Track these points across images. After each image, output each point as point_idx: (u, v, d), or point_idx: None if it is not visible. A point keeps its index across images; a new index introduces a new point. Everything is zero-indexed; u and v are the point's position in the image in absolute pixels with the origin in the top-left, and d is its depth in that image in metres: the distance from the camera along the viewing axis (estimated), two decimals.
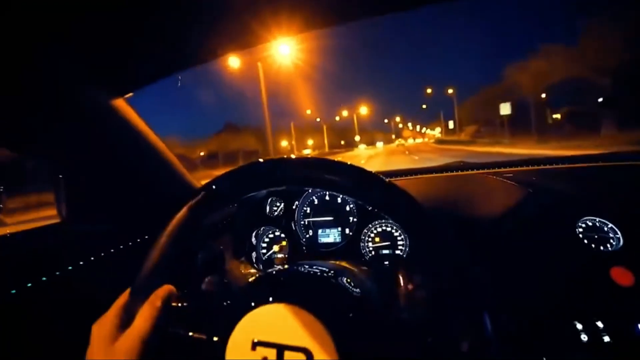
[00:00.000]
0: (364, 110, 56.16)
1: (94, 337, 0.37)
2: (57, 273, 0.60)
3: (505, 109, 24.83)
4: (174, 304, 0.38)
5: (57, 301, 0.60)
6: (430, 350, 0.39)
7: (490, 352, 0.36)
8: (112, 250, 0.67)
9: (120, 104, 0.70)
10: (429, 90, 43.37)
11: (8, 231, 0.68)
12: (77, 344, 0.42)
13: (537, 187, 0.73)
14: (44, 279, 0.57)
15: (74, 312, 0.64)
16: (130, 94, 0.72)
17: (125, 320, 0.37)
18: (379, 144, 63.29)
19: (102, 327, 0.37)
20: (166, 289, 0.38)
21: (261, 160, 0.43)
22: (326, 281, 0.41)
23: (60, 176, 0.69)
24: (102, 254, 0.66)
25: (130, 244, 0.70)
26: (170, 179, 0.78)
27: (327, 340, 0.34)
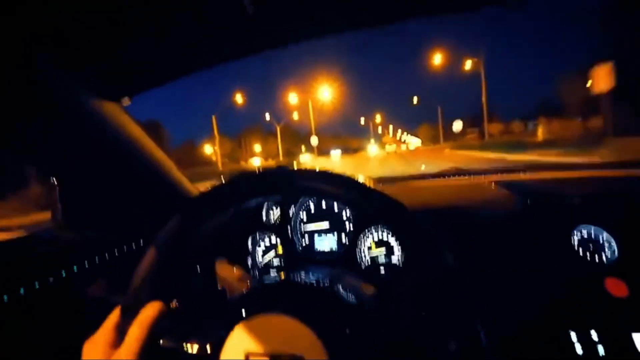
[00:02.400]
0: (325, 93, 38.70)
1: (86, 356, 0.37)
2: (51, 279, 0.59)
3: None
4: (164, 318, 0.38)
5: (50, 308, 0.60)
6: (422, 354, 0.40)
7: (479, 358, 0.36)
8: (107, 257, 0.67)
9: (116, 109, 0.71)
10: (436, 60, 29.01)
11: (2, 237, 0.68)
12: (69, 351, 0.42)
13: (532, 194, 0.74)
14: (37, 285, 0.57)
15: (68, 319, 0.63)
16: (128, 102, 0.72)
17: (117, 338, 0.37)
18: (335, 154, 43.54)
19: (94, 346, 0.37)
20: (155, 304, 0.38)
21: (256, 170, 0.44)
22: (321, 291, 0.42)
23: (55, 181, 0.69)
24: (97, 260, 0.65)
25: (125, 250, 0.70)
26: (166, 185, 0.78)
27: (320, 351, 0.34)
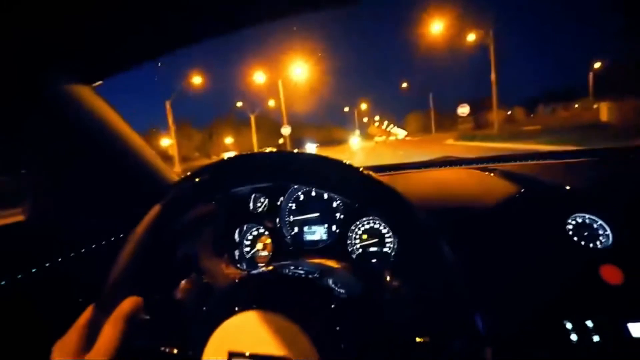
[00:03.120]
0: (297, 71, 28.89)
1: (55, 356, 0.33)
2: (19, 276, 0.55)
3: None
4: (141, 316, 0.34)
5: (19, 306, 0.56)
6: (418, 351, 0.39)
7: (478, 351, 0.33)
8: (81, 251, 0.63)
9: (88, 92, 0.65)
10: (433, 29, 20.84)
11: None
12: (40, 349, 0.38)
13: (526, 183, 0.72)
14: (3, 282, 0.53)
15: (37, 318, 0.59)
16: (100, 82, 0.66)
17: (89, 339, 0.35)
18: (309, 147, 38.13)
19: (64, 347, 0.33)
20: (132, 301, 0.35)
21: (241, 154, 0.40)
22: (310, 284, 0.38)
23: (23, 171, 0.64)
24: (71, 255, 0.61)
25: (102, 243, 0.66)
26: (145, 173, 0.73)
27: (309, 349, 0.31)
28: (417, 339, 0.38)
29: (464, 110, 20.99)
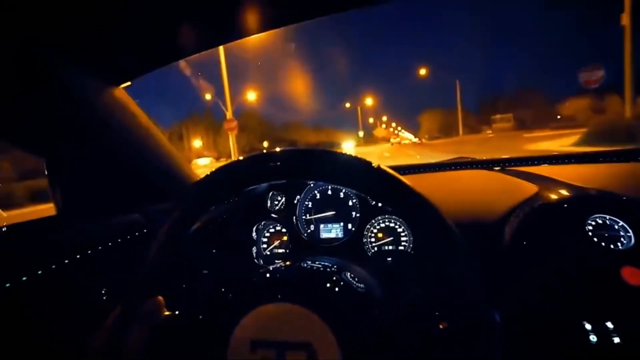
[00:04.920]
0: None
1: (88, 357, 0.36)
2: (53, 266, 0.58)
3: None
4: (165, 314, 0.36)
5: (52, 295, 0.59)
6: (433, 346, 0.39)
7: (495, 350, 0.34)
8: (109, 244, 0.66)
9: (119, 93, 0.69)
10: None
11: (3, 224, 0.67)
12: (71, 338, 0.40)
13: (545, 184, 0.71)
14: (40, 272, 0.56)
15: (70, 306, 0.62)
16: (129, 83, 0.70)
17: (117, 338, 0.42)
18: None
19: (96, 347, 0.36)
20: (154, 302, 0.37)
21: (258, 152, 0.41)
22: (329, 277, 0.40)
23: (58, 168, 0.68)
24: (100, 248, 0.64)
25: (128, 237, 0.69)
26: (169, 172, 0.76)
27: (330, 338, 0.32)
28: (431, 331, 0.38)
29: (592, 75, 10.39)
